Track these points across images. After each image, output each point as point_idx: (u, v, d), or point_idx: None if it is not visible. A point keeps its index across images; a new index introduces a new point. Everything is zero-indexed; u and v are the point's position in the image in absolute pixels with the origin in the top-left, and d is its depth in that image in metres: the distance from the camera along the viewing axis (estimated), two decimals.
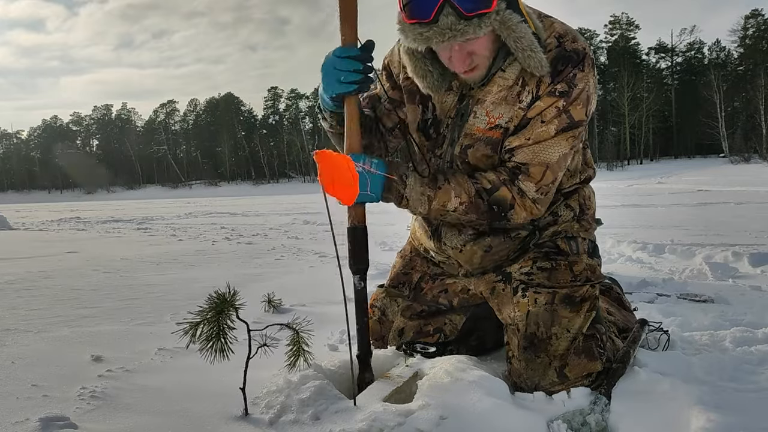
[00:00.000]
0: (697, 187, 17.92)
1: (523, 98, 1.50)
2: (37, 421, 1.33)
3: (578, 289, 1.62)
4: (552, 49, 1.47)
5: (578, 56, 1.47)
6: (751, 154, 42.75)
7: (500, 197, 1.51)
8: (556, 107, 1.47)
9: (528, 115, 1.49)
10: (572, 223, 1.71)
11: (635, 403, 1.40)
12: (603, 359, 1.57)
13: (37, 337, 2.20)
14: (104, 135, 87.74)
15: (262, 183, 70.33)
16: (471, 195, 1.50)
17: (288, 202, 20.75)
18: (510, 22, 1.36)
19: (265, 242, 6.42)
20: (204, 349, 1.38)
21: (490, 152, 1.56)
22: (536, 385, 1.55)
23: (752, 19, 57.01)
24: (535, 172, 1.50)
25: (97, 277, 3.86)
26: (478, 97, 1.55)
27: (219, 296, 1.42)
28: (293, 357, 1.50)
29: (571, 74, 1.46)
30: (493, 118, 1.53)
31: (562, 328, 1.57)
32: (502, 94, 1.52)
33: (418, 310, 1.88)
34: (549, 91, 1.47)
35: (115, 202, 34.65)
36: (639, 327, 1.90)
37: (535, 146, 1.49)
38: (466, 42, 1.38)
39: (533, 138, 1.49)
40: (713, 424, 1.22)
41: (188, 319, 1.39)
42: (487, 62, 1.47)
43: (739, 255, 3.97)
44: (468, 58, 1.43)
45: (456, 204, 1.51)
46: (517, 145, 1.51)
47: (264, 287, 3.04)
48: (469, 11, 1.30)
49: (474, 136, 1.57)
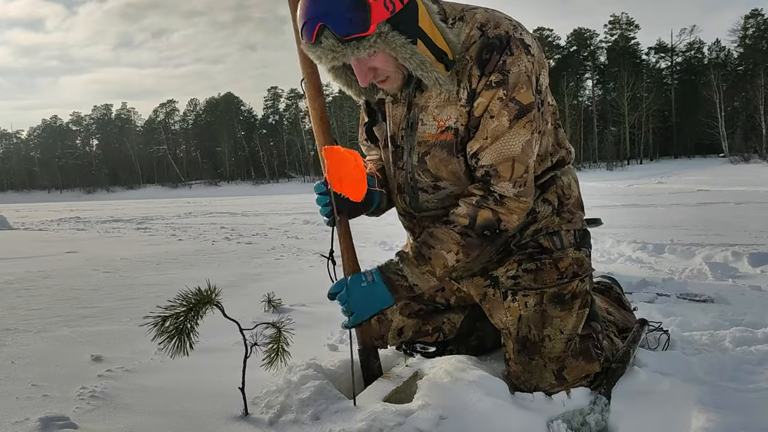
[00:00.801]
0: (696, 186, 17.93)
1: (461, 95, 1.49)
2: (37, 421, 1.33)
3: (566, 285, 1.60)
4: (476, 40, 1.45)
5: (502, 42, 1.44)
6: (751, 154, 42.76)
7: (484, 222, 1.51)
8: (499, 98, 1.45)
9: (475, 114, 1.48)
10: (552, 217, 1.67)
11: (635, 403, 1.40)
12: (601, 360, 1.57)
13: (36, 336, 2.20)
14: (104, 135, 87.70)
15: (262, 183, 70.33)
16: (458, 242, 1.51)
17: (288, 202, 20.76)
18: (394, 44, 1.36)
19: (265, 242, 6.42)
20: (166, 346, 1.34)
21: (446, 155, 1.56)
22: (535, 387, 1.55)
23: (752, 19, 57.03)
24: (504, 169, 1.48)
25: (96, 276, 3.86)
26: (421, 105, 1.55)
27: (198, 293, 1.39)
28: (273, 355, 1.49)
29: (500, 61, 1.43)
30: (441, 121, 1.53)
31: (555, 329, 1.56)
32: (443, 96, 1.51)
33: (416, 309, 1.88)
34: (485, 84, 1.45)
35: (115, 202, 34.65)
36: (639, 327, 1.90)
37: (496, 144, 1.47)
38: (361, 60, 1.40)
39: (490, 136, 1.47)
40: (713, 424, 1.22)
41: (155, 313, 1.36)
42: (397, 74, 1.47)
43: (738, 255, 3.97)
44: (370, 72, 1.44)
45: (454, 258, 1.52)
46: (478, 147, 1.50)
47: (264, 287, 3.04)
48: (346, 35, 1.33)
49: (428, 142, 1.57)
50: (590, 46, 64.20)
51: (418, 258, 1.53)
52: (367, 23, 1.32)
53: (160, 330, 1.34)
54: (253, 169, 75.53)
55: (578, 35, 64.36)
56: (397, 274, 1.53)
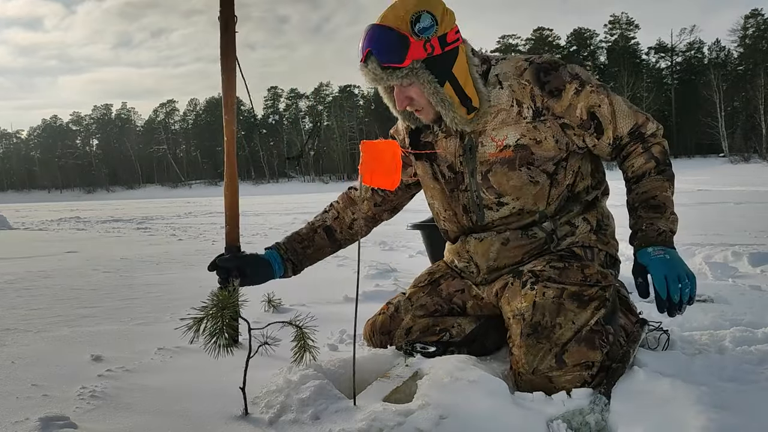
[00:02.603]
0: (696, 186, 17.94)
1: (525, 114, 1.71)
2: (37, 421, 1.33)
3: (587, 288, 1.63)
4: (526, 67, 1.72)
5: (551, 64, 1.72)
6: (751, 153, 42.78)
7: (661, 154, 1.76)
8: (591, 92, 1.71)
9: (583, 117, 1.72)
10: (589, 234, 1.81)
11: (635, 403, 1.40)
12: (604, 351, 1.56)
13: (36, 336, 2.20)
14: (104, 135, 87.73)
15: (262, 183, 70.36)
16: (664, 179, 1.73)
17: (288, 202, 20.77)
18: (422, 79, 1.62)
19: (265, 242, 6.41)
20: (208, 345, 1.40)
21: (507, 170, 1.74)
22: (534, 369, 1.52)
23: (752, 18, 57.06)
24: (639, 118, 1.75)
25: (96, 276, 3.86)
26: (478, 131, 1.75)
27: (221, 293, 1.44)
28: (299, 353, 1.51)
29: (565, 74, 1.71)
30: (499, 141, 1.74)
31: (568, 320, 1.57)
32: (499, 118, 1.72)
33: (431, 310, 1.91)
34: (574, 93, 1.70)
35: (115, 202, 34.67)
36: (639, 327, 1.89)
37: (617, 116, 1.73)
38: (400, 87, 1.68)
39: (611, 117, 1.73)
40: (713, 424, 1.21)
41: (191, 315, 1.40)
42: (430, 108, 1.71)
43: (738, 255, 3.97)
44: (407, 101, 1.70)
45: (671, 194, 1.74)
46: (612, 133, 1.74)
47: (264, 287, 3.03)
48: (384, 62, 1.60)
49: (489, 161, 1.76)
50: (590, 46, 64.29)
51: (656, 209, 1.69)
52: (402, 57, 1.59)
53: (199, 330, 1.40)
54: (253, 169, 75.52)
55: (578, 35, 64.43)
56: (659, 234, 1.65)
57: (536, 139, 1.72)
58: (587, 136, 1.75)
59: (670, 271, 1.57)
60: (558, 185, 1.78)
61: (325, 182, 64.80)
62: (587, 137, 1.75)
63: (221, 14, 1.96)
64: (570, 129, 1.74)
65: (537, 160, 1.73)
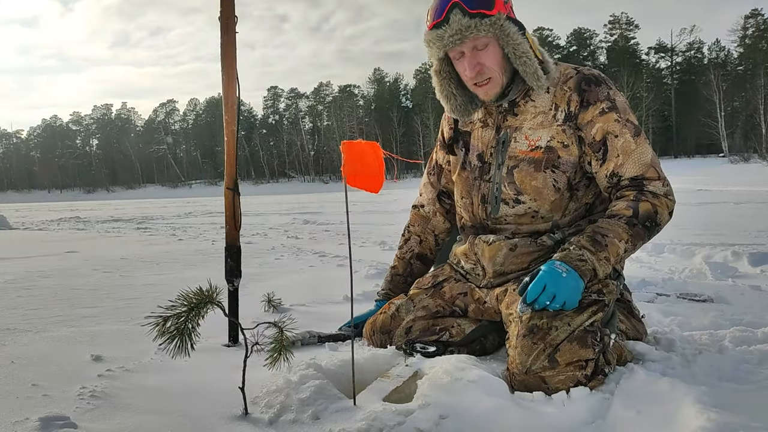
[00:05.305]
0: (696, 186, 17.94)
1: (558, 117, 1.76)
2: (37, 421, 1.33)
3: (587, 296, 1.64)
4: (572, 75, 1.77)
5: (597, 78, 1.76)
6: (751, 154, 42.77)
7: (645, 213, 1.68)
8: (616, 120, 1.72)
9: (596, 138, 1.73)
10: None
11: (635, 403, 1.40)
12: (596, 350, 1.55)
13: (36, 336, 2.20)
14: (104, 134, 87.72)
15: (261, 182, 70.35)
16: (627, 231, 1.67)
17: (288, 202, 20.77)
18: (509, 30, 1.66)
19: (265, 242, 6.42)
20: (165, 345, 1.32)
21: (533, 170, 1.78)
22: (527, 369, 1.52)
23: (752, 18, 57.07)
24: (651, 173, 1.72)
25: (96, 276, 3.86)
26: (515, 126, 1.81)
27: (199, 293, 1.36)
28: (276, 355, 1.46)
29: (605, 92, 1.74)
30: (533, 141, 1.78)
31: (564, 323, 1.57)
32: (538, 119, 1.78)
33: (433, 311, 1.92)
34: (599, 112, 1.72)
35: (115, 202, 34.66)
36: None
37: (631, 157, 1.71)
38: (474, 50, 1.68)
39: (621, 153, 1.72)
40: (713, 424, 1.21)
41: (156, 313, 1.33)
42: (498, 78, 1.73)
43: (738, 255, 3.97)
44: (478, 66, 1.70)
45: (623, 247, 1.67)
46: (614, 166, 1.73)
47: (264, 287, 3.04)
48: (473, 8, 1.61)
49: (518, 157, 1.80)
50: (590, 45, 64.28)
51: (594, 245, 1.64)
52: (492, 5, 1.63)
53: (161, 330, 1.32)
54: (253, 169, 75.51)
55: (578, 35, 64.42)
56: (580, 260, 1.62)
57: (563, 142, 1.76)
58: (593, 159, 1.77)
59: (554, 285, 1.55)
60: (577, 201, 1.82)
61: (325, 182, 64.77)
62: (593, 160, 1.77)
63: (221, 14, 1.96)
64: (583, 144, 1.76)
65: (562, 165, 1.77)
